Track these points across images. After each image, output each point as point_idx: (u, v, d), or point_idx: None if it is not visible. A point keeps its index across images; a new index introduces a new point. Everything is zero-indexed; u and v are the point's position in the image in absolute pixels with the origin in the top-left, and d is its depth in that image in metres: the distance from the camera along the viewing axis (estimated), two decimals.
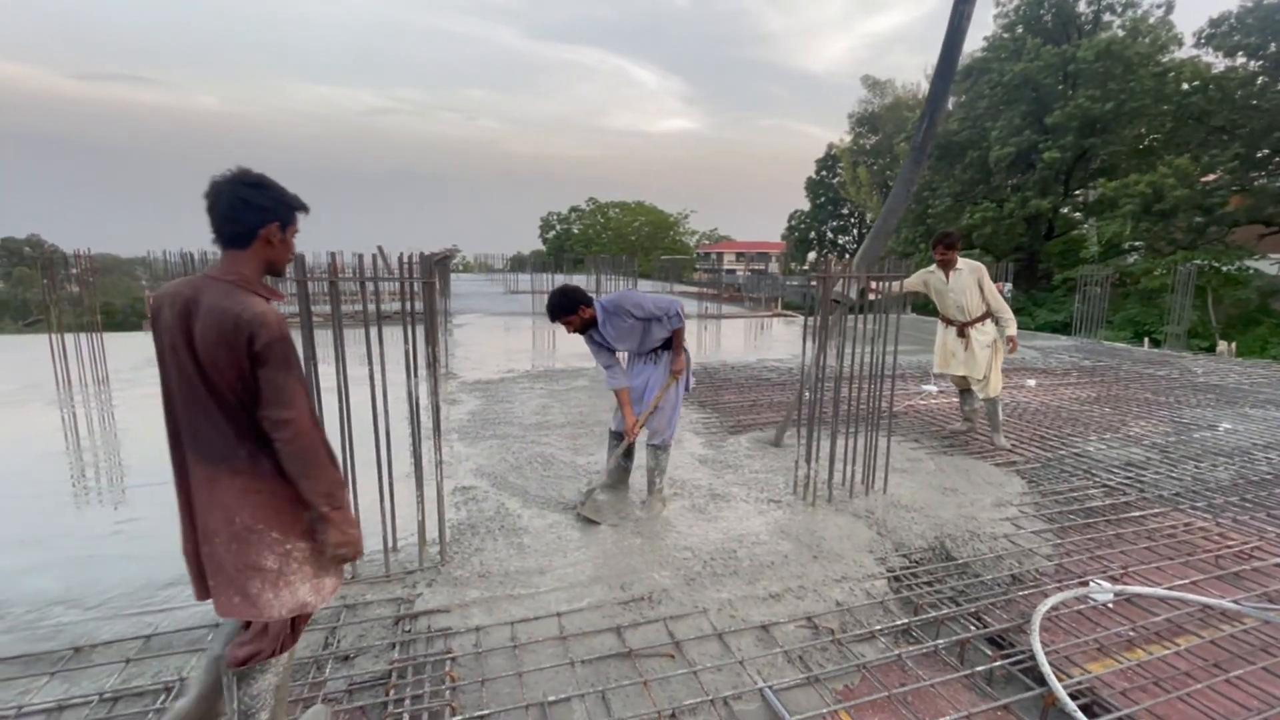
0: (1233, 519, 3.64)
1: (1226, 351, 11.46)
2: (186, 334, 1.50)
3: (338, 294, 2.66)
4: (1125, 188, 17.35)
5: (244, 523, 1.56)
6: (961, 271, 4.80)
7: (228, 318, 1.47)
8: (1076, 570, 3.02)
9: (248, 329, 1.47)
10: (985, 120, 21.76)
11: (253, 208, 1.55)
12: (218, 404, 1.52)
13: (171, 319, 1.51)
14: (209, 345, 1.48)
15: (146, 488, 3.94)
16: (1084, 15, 21.72)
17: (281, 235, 1.62)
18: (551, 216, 59.37)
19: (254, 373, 1.50)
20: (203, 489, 1.58)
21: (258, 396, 1.52)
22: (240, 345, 1.47)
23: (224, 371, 1.49)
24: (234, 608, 1.58)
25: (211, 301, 1.49)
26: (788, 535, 3.28)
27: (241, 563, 1.56)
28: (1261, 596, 2.81)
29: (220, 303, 1.48)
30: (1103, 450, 4.88)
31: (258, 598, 1.57)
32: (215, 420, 1.53)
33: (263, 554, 1.57)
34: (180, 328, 1.50)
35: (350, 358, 2.66)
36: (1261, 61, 16.81)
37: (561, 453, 4.60)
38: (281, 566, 1.59)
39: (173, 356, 1.53)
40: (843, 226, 42.93)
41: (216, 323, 1.47)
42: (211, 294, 1.50)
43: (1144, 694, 2.18)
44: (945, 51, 3.99)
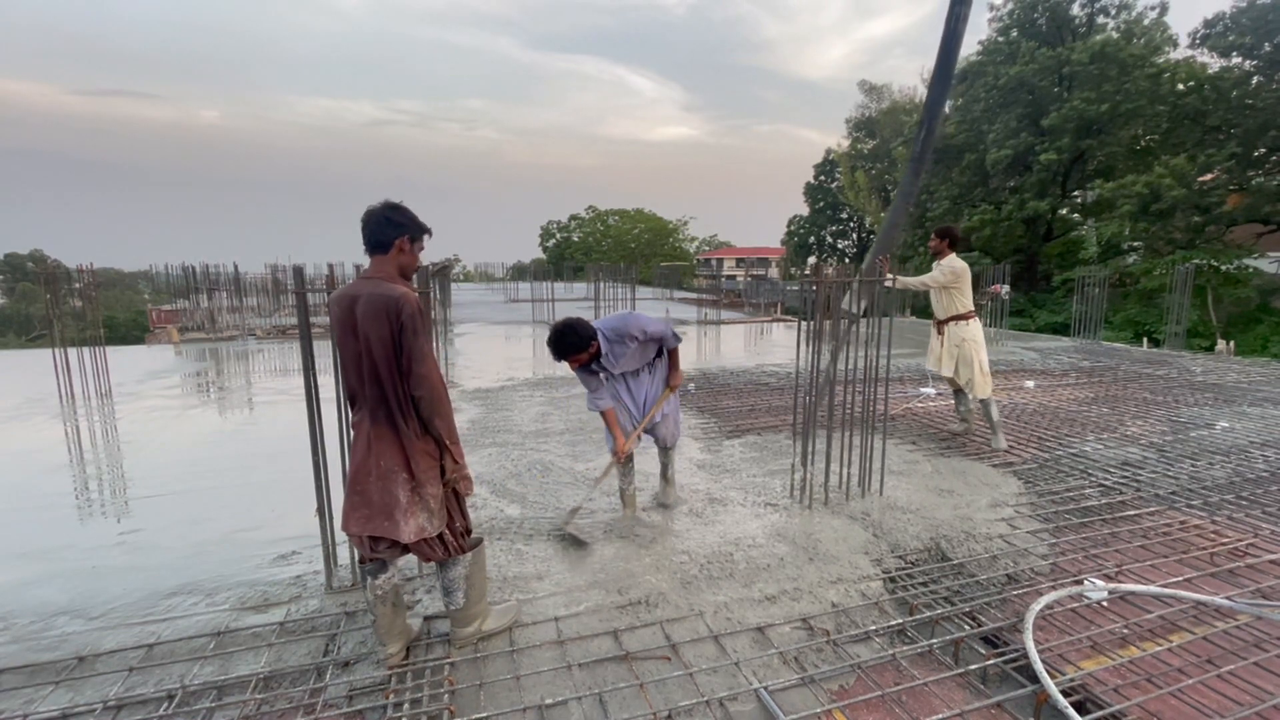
0: (1228, 517, 3.65)
1: (1226, 350, 11.46)
2: (351, 320, 2.09)
3: None
4: (1122, 188, 17.39)
5: (386, 466, 2.14)
6: (940, 265, 4.88)
7: (379, 300, 2.05)
8: (1071, 569, 3.04)
9: (395, 306, 2.04)
10: (982, 123, 21.85)
11: (391, 225, 2.13)
12: (374, 374, 2.10)
13: (340, 312, 2.11)
14: (368, 321, 2.06)
15: (149, 499, 3.98)
16: (1078, 18, 21.83)
17: (409, 246, 2.18)
18: (551, 225, 59.61)
19: (400, 338, 2.06)
20: (361, 440, 2.17)
21: (396, 360, 2.09)
22: (390, 318, 2.04)
23: (379, 341, 2.06)
24: (380, 528, 2.14)
25: (368, 292, 2.08)
26: (784, 538, 3.30)
27: (385, 496, 2.13)
28: (1255, 592, 2.83)
29: (374, 291, 2.07)
30: (1100, 450, 4.90)
31: (396, 523, 2.13)
32: (371, 387, 2.12)
33: (398, 490, 2.14)
34: (346, 318, 2.10)
35: None
36: (1256, 61, 16.87)
37: (560, 460, 4.63)
38: (408, 501, 2.15)
39: (342, 337, 2.13)
40: (842, 231, 43.03)
41: (372, 305, 2.05)
42: (366, 289, 2.09)
43: (1136, 690, 2.19)
44: (941, 66, 4.04)
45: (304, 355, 2.65)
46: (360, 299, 2.07)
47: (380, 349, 2.06)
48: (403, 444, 2.14)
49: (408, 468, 2.15)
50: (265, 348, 11.16)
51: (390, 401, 2.12)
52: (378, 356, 2.07)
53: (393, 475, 2.13)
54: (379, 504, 2.13)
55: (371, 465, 2.14)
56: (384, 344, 2.06)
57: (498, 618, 2.49)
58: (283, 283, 16.61)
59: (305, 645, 2.43)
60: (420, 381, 2.09)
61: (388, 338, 2.06)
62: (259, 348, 11.17)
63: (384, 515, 2.13)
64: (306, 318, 2.65)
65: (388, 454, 2.14)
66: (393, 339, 2.06)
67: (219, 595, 2.80)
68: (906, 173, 4.29)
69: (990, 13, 23.33)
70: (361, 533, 2.17)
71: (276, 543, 3.31)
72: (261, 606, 2.70)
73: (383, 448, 2.14)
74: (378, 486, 2.13)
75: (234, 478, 4.40)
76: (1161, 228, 17.38)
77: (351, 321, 2.09)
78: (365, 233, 2.13)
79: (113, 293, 39.18)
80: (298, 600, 2.74)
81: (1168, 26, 20.32)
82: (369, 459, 2.14)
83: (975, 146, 22.01)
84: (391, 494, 2.13)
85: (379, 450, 2.13)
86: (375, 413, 2.13)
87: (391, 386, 2.11)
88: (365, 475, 2.14)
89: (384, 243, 2.13)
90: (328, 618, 2.59)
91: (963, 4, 4.00)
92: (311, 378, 2.66)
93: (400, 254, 2.16)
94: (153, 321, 14.80)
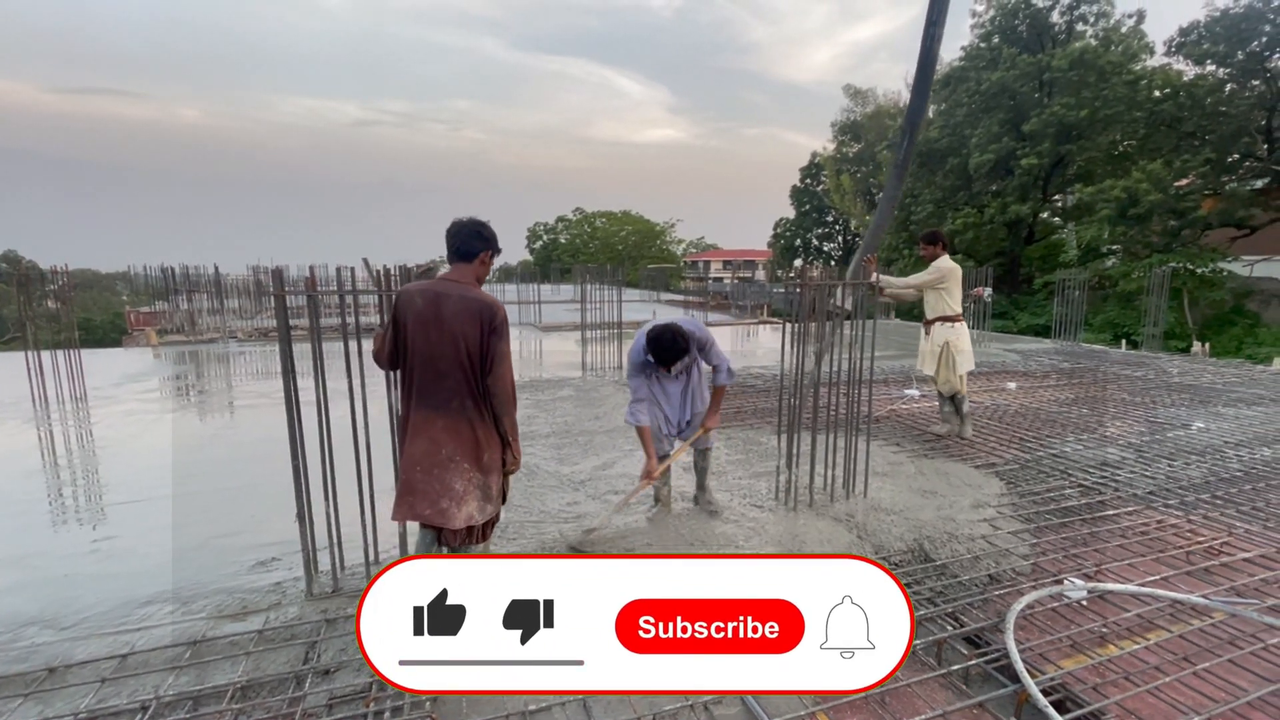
0: (1203, 516, 3.72)
1: (1201, 352, 11.68)
2: (437, 316, 2.26)
3: (316, 307, 2.67)
4: (1101, 193, 17.68)
5: (449, 454, 2.29)
6: (930, 268, 4.97)
7: (473, 303, 2.26)
8: (1052, 569, 3.08)
9: (489, 311, 2.28)
10: (964, 128, 22.11)
11: (480, 239, 2.36)
12: (460, 367, 2.27)
13: (423, 305, 2.26)
14: (460, 320, 2.25)
15: (125, 505, 3.90)
16: (1057, 25, 22.19)
17: (489, 259, 2.42)
18: (538, 227, 59.43)
19: (486, 340, 2.27)
20: (417, 428, 2.31)
21: (486, 358, 2.29)
22: (484, 321, 2.26)
23: (468, 339, 2.26)
24: (424, 516, 2.29)
25: (458, 294, 2.28)
26: (769, 539, 3.31)
27: (439, 485, 2.28)
28: (1230, 590, 2.87)
29: (464, 294, 2.29)
30: (1079, 451, 4.97)
31: (443, 511, 2.28)
32: (454, 379, 2.28)
33: (454, 479, 2.29)
34: (432, 311, 2.26)
35: (331, 371, 2.67)
36: (1229, 69, 17.25)
37: (546, 463, 4.61)
38: (463, 490, 2.30)
39: (421, 330, 2.27)
40: (828, 234, 43.30)
41: (465, 306, 2.25)
42: (454, 290, 2.29)
43: (1114, 688, 2.22)
44: (919, 80, 4.12)
45: (283, 359, 2.62)
46: (450, 298, 2.27)
47: (468, 346, 2.27)
48: (476, 434, 2.33)
49: (475, 457, 2.34)
50: (247, 350, 11.01)
51: (470, 395, 2.31)
52: (465, 353, 2.27)
53: (454, 464, 2.29)
54: (424, 492, 2.29)
55: (422, 454, 2.29)
56: (473, 342, 2.27)
57: None
58: (265, 284, 16.44)
59: (284, 653, 2.39)
60: (499, 380, 2.33)
61: (476, 337, 2.27)
62: (240, 350, 11.01)
63: (428, 503, 2.28)
64: (286, 320, 2.62)
65: (456, 443, 2.30)
66: (481, 339, 2.28)
67: (195, 603, 2.75)
68: (890, 178, 4.36)
69: (972, 19, 23.67)
70: (406, 519, 2.35)
71: (255, 549, 3.26)
72: (239, 614, 2.65)
73: (450, 437, 2.29)
74: (434, 475, 2.28)
75: (212, 483, 4.33)
76: (1139, 231, 17.67)
77: (438, 317, 2.26)
78: (454, 242, 2.36)
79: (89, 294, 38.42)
80: (277, 608, 2.70)
81: (1145, 34, 20.71)
82: (420, 447, 2.29)
83: (958, 150, 22.27)
84: (444, 483, 2.29)
85: (445, 439, 2.29)
86: (449, 403, 2.30)
87: (472, 381, 2.31)
88: (413, 464, 2.30)
89: (471, 253, 2.37)
90: (308, 625, 2.56)
91: (937, 24, 4.09)
92: (291, 381, 2.62)
93: (480, 265, 2.40)
94: (130, 324, 14.52)
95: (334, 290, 2.76)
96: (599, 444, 5.08)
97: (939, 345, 5.03)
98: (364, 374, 2.75)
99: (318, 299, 2.66)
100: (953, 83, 22.82)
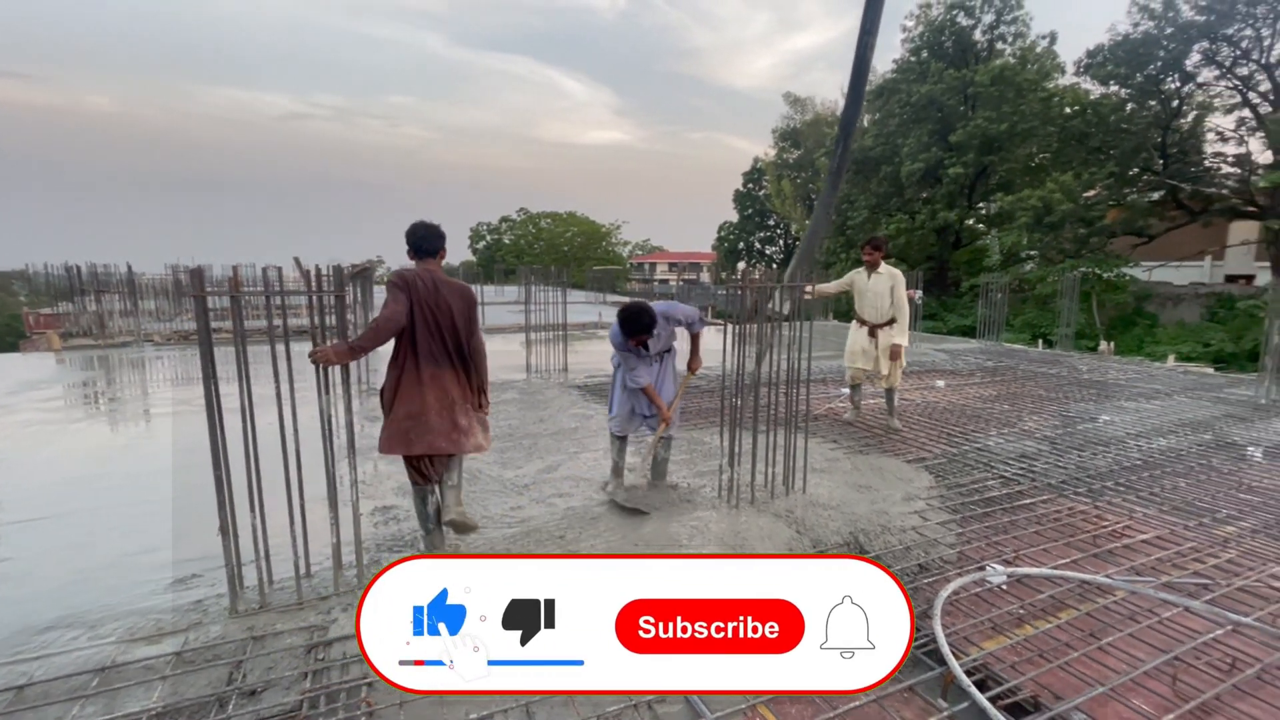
0: (1108, 502, 4.02)
1: (1107, 350, 12.61)
2: (437, 296, 2.88)
3: (240, 309, 2.53)
4: (1020, 201, 18.85)
5: (452, 397, 2.95)
6: (882, 275, 5.30)
7: (459, 287, 2.97)
8: (976, 556, 3.25)
9: (469, 292, 3.00)
10: (897, 137, 23.13)
11: (439, 238, 3.02)
12: (454, 334, 2.94)
13: (425, 289, 2.86)
14: (454, 299, 2.92)
15: (22, 524, 3.59)
16: (980, 43, 23.52)
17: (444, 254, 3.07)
18: (481, 227, 58.31)
19: (470, 312, 2.99)
20: (427, 381, 2.90)
21: (469, 326, 2.98)
22: (466, 299, 2.97)
23: (459, 314, 2.94)
24: (438, 447, 2.91)
25: (445, 280, 2.93)
26: (711, 538, 3.36)
27: (450, 422, 2.93)
28: (1130, 570, 3.12)
29: (452, 282, 2.96)
30: (1001, 444, 5.28)
31: (456, 440, 2.95)
32: (451, 343, 2.94)
33: (459, 416, 2.96)
34: (432, 293, 2.87)
35: (256, 376, 2.54)
36: (1130, 90, 18.73)
37: (489, 467, 4.53)
38: (468, 424, 2.99)
39: (426, 307, 2.86)
40: (769, 237, 44.39)
41: (455, 289, 2.94)
42: (441, 277, 2.94)
43: (1030, 666, 2.37)
44: (853, 88, 4.28)
45: (204, 363, 2.47)
46: (442, 282, 2.92)
47: (459, 319, 2.94)
48: (463, 383, 3.01)
49: (467, 399, 3.02)
50: (164, 355, 10.33)
51: (459, 354, 2.98)
52: (458, 324, 2.94)
53: (458, 405, 2.96)
54: (439, 428, 2.90)
55: (435, 399, 2.90)
56: (460, 315, 2.94)
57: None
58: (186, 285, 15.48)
59: (206, 675, 2.25)
60: (478, 343, 3.06)
61: (464, 311, 2.96)
62: (157, 355, 10.32)
63: (443, 436, 2.91)
64: (207, 323, 2.47)
65: (454, 389, 2.96)
66: (466, 311, 2.97)
67: (104, 627, 2.56)
68: (826, 184, 4.52)
69: (903, 33, 24.78)
70: (425, 452, 2.92)
71: (173, 566, 3.06)
72: (154, 636, 2.48)
73: (449, 385, 2.95)
74: (445, 415, 2.92)
75: (124, 497, 4.04)
76: (1053, 238, 18.93)
77: (437, 295, 2.89)
78: (423, 242, 2.97)
79: None
80: (198, 627, 2.54)
81: (1056, 54, 22.26)
82: (433, 395, 2.90)
83: (891, 159, 23.26)
84: (452, 420, 2.93)
85: (447, 387, 2.94)
86: (450, 360, 2.95)
87: (461, 344, 2.98)
88: (428, 409, 2.88)
89: (435, 250, 3.02)
90: (232, 644, 2.42)
91: (870, 34, 4.27)
92: (213, 387, 2.48)
93: (442, 257, 3.08)
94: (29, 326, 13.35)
95: (260, 291, 2.63)
96: (544, 447, 5.04)
97: (888, 346, 5.42)
98: (293, 378, 2.63)
99: (241, 300, 2.53)
100: (886, 94, 23.82)
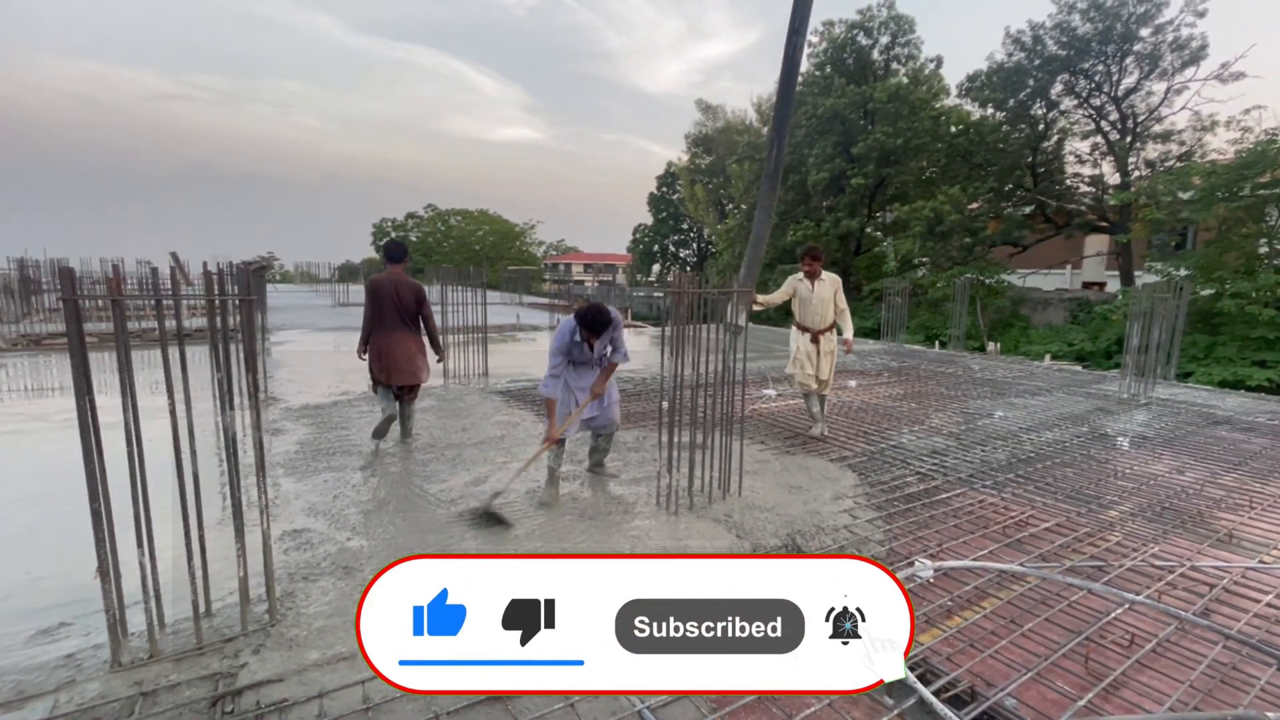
0: (1012, 493, 4.34)
1: (994, 350, 13.79)
2: (395, 292, 4.73)
3: (122, 314, 2.19)
4: (914, 212, 20.32)
5: (414, 349, 4.82)
6: (824, 282, 5.39)
7: (412, 285, 4.83)
8: (904, 551, 3.40)
9: (419, 287, 4.84)
10: (804, 147, 24.24)
11: (403, 249, 5.03)
12: (404, 313, 4.78)
13: (389, 285, 4.73)
14: (407, 294, 4.78)
15: None
16: (878, 62, 25.10)
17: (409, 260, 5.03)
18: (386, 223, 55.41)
19: (419, 302, 4.85)
20: (396, 340, 4.72)
21: (419, 308, 4.86)
22: (417, 293, 4.83)
23: (412, 301, 4.81)
24: (407, 380, 4.82)
25: (404, 281, 4.81)
26: (653, 546, 3.30)
27: (412, 365, 4.80)
28: (1038, 557, 3.36)
29: (408, 281, 4.82)
30: (913, 441, 5.59)
31: (417, 374, 4.86)
32: (402, 318, 4.77)
33: (418, 361, 4.86)
34: (391, 290, 4.73)
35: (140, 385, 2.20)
36: (1005, 113, 20.66)
37: (412, 480, 4.24)
38: (426, 365, 4.95)
39: (386, 298, 4.72)
40: (683, 240, 45.24)
41: (408, 285, 4.80)
42: (402, 279, 4.81)
43: (964, 656, 2.48)
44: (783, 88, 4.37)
45: (76, 375, 2.11)
46: (399, 281, 4.75)
47: (411, 305, 4.78)
48: (418, 341, 4.85)
49: (422, 351, 4.90)
50: (11, 362, 8.98)
51: (414, 324, 4.84)
52: (410, 306, 4.78)
53: (420, 355, 4.86)
54: (408, 369, 4.76)
55: (406, 351, 4.74)
56: (415, 302, 4.79)
57: None
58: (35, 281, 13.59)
59: None
60: (429, 317, 4.96)
61: (411, 298, 4.77)
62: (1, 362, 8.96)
63: (411, 375, 4.81)
64: (80, 330, 2.11)
65: (414, 345, 4.81)
66: (416, 302, 4.80)
67: None
68: (763, 186, 4.60)
69: (809, 49, 26.03)
70: (399, 383, 4.79)
71: (34, 614, 2.61)
72: (14, 702, 2.09)
73: (411, 343, 4.78)
74: (411, 360, 4.77)
75: None
76: (943, 247, 20.53)
77: (398, 290, 4.72)
78: (390, 255, 4.93)
79: None
80: (70, 686, 2.17)
81: (943, 77, 24.17)
82: (405, 348, 4.74)
83: (799, 168, 24.34)
84: (415, 363, 4.81)
85: (410, 344, 4.77)
86: (407, 327, 4.79)
87: (414, 317, 4.84)
88: (403, 356, 4.73)
89: (399, 258, 4.91)
90: (116, 703, 2.08)
91: (799, 33, 4.39)
92: (87, 401, 2.13)
93: (407, 262, 4.95)
94: None
95: (149, 295, 2.29)
96: (469, 457, 4.79)
97: (829, 352, 5.47)
98: (187, 388, 2.31)
99: (124, 305, 2.18)
100: (794, 105, 24.89)
